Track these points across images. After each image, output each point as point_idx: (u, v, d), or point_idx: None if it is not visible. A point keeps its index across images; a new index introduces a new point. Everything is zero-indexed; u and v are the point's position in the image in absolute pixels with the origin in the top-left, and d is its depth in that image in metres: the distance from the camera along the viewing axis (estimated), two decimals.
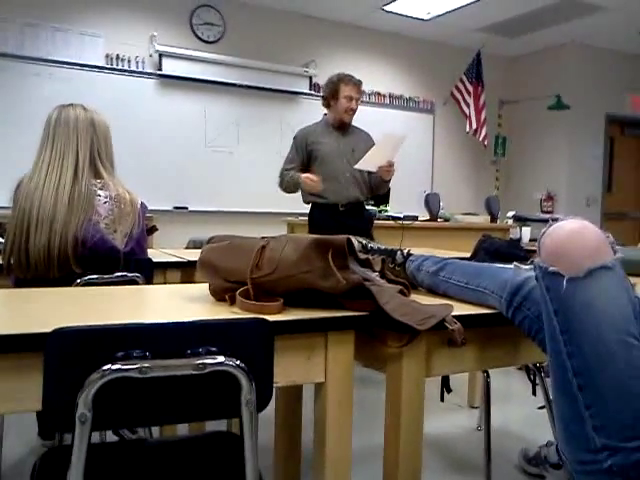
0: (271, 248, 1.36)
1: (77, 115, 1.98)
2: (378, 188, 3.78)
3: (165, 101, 5.62)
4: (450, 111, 7.04)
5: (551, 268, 1.05)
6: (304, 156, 3.68)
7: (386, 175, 3.54)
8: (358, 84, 3.70)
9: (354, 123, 3.80)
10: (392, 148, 3.49)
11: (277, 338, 1.09)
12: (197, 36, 5.79)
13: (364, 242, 1.75)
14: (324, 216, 3.66)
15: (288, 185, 3.71)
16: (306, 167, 3.68)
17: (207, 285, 1.45)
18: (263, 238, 1.41)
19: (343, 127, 3.72)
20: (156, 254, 2.43)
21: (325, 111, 3.82)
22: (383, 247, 1.73)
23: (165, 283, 2.27)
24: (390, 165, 3.49)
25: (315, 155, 3.65)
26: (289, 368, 1.22)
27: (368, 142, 3.70)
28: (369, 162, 3.48)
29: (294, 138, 3.77)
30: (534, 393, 2.29)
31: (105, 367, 0.92)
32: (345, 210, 3.64)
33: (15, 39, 5.03)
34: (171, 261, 2.36)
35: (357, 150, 3.62)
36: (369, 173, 3.65)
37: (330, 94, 3.69)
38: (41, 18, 5.11)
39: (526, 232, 5.14)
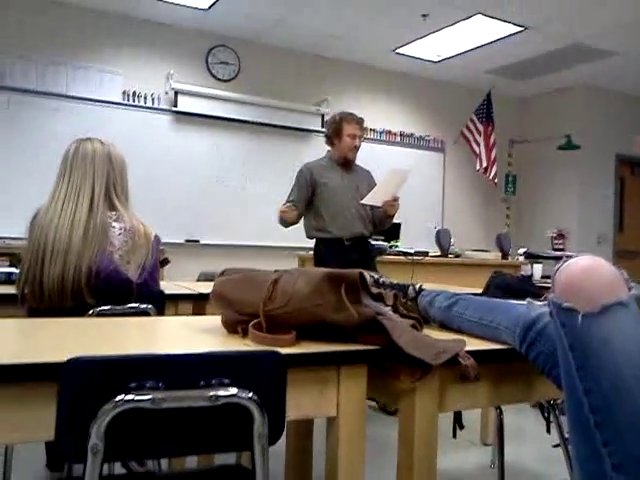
0: (284, 281, 1.36)
1: (94, 149, 2.02)
2: (382, 223, 3.81)
3: (179, 137, 5.72)
4: (460, 149, 7.10)
5: (566, 304, 1.04)
6: (308, 191, 3.69)
7: (391, 210, 3.58)
8: (360, 122, 3.77)
9: (358, 161, 3.85)
10: (397, 183, 3.54)
11: (289, 371, 1.08)
12: (212, 74, 5.91)
13: (376, 277, 1.75)
14: (330, 250, 3.67)
15: (279, 220, 3.74)
16: (309, 202, 3.70)
17: (219, 317, 1.45)
18: (276, 271, 1.42)
19: (347, 164, 3.77)
20: (168, 286, 2.43)
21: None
22: (395, 282, 1.73)
23: (177, 315, 2.27)
24: (395, 200, 3.53)
25: (320, 190, 3.67)
26: (301, 401, 1.22)
27: (370, 180, 3.78)
28: (375, 197, 3.52)
29: (299, 172, 3.78)
30: (548, 431, 2.25)
31: (118, 398, 0.91)
32: (350, 245, 3.65)
33: (37, 76, 5.16)
34: (183, 293, 2.37)
35: (360, 187, 3.67)
36: (372, 209, 3.68)
37: (333, 133, 3.75)
38: (63, 56, 5.25)
39: (537, 269, 5.11)
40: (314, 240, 3.80)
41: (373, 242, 4.03)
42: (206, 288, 2.36)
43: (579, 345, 1.03)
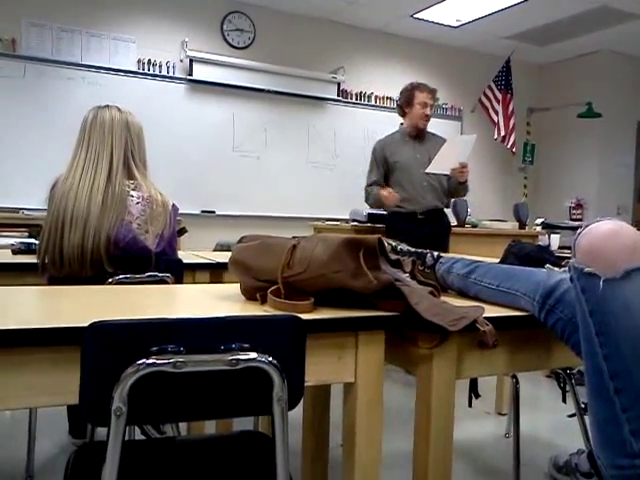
0: (302, 247, 1.36)
1: (112, 116, 2.02)
2: (457, 191, 3.83)
3: (194, 106, 5.69)
4: (478, 118, 7.00)
5: (587, 269, 1.04)
6: (384, 168, 3.78)
7: (460, 177, 3.59)
8: (432, 91, 3.79)
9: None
10: (462, 150, 3.53)
11: (308, 337, 1.08)
12: (227, 42, 5.85)
13: (394, 244, 1.75)
14: (402, 223, 3.73)
15: (372, 202, 3.84)
16: (386, 178, 3.78)
17: (238, 284, 1.45)
18: (294, 238, 1.42)
19: (419, 135, 3.78)
20: (186, 256, 2.45)
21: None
22: (413, 249, 1.72)
23: (194, 283, 2.29)
24: (463, 166, 3.52)
25: (393, 166, 3.74)
26: (319, 368, 1.22)
27: None
28: (439, 165, 3.52)
29: (373, 151, 3.86)
30: (564, 400, 2.26)
31: (140, 361, 0.92)
32: (424, 218, 3.71)
33: (51, 44, 5.14)
34: (200, 262, 2.38)
35: (433, 157, 3.65)
36: (449, 178, 3.67)
37: (405, 101, 3.78)
38: (77, 24, 5.22)
39: (555, 239, 5.07)
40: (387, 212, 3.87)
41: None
42: (223, 258, 2.38)
43: (599, 310, 1.02)
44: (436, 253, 1.70)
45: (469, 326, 1.26)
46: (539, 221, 5.54)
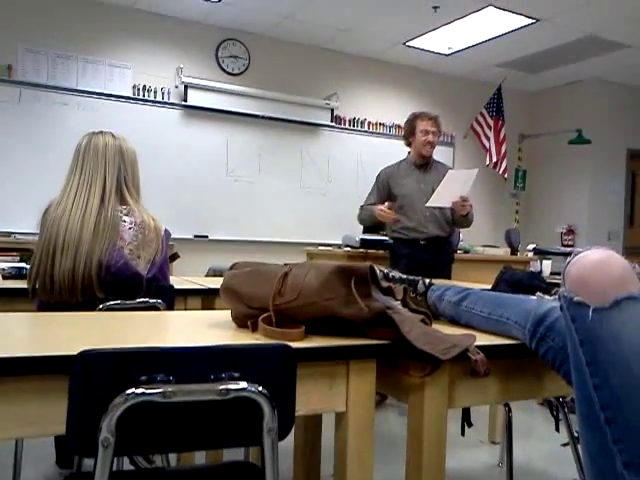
0: (294, 275, 1.36)
1: (106, 142, 2.02)
2: (460, 223, 3.86)
3: (189, 131, 5.72)
4: (470, 144, 7.06)
5: (576, 298, 1.04)
6: (384, 195, 3.83)
7: (461, 210, 3.60)
8: (433, 118, 3.85)
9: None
10: (463, 183, 3.55)
11: (299, 366, 1.08)
12: (222, 68, 5.91)
13: (385, 271, 1.75)
14: (404, 249, 3.76)
15: (364, 217, 3.90)
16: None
17: (229, 311, 1.45)
18: (286, 265, 1.42)
19: (424, 164, 3.84)
20: (177, 281, 2.44)
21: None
22: (405, 276, 1.72)
23: (186, 309, 2.28)
24: (464, 200, 3.55)
25: (395, 195, 3.79)
26: (310, 396, 1.22)
27: None
28: (439, 198, 3.56)
29: (377, 176, 3.93)
30: (557, 429, 2.25)
31: (129, 391, 0.92)
32: (425, 244, 3.73)
33: (47, 70, 5.17)
34: (192, 288, 2.38)
35: (436, 188, 3.68)
36: (451, 210, 3.70)
37: (408, 131, 3.87)
38: (72, 50, 5.26)
39: (547, 265, 5.09)
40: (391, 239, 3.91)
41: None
42: (215, 283, 2.37)
43: (589, 340, 1.02)
44: (428, 280, 1.71)
45: (461, 355, 1.25)
46: (531, 247, 5.57)
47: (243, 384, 0.98)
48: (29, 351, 1.03)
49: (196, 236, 5.68)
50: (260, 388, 0.99)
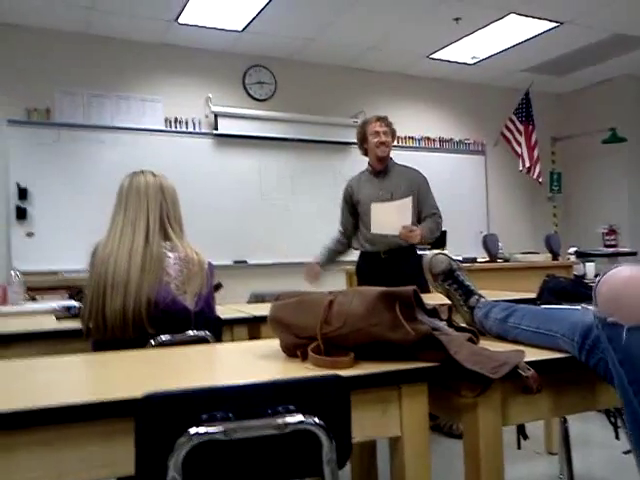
0: (339, 302, 1.38)
1: (147, 181, 2.08)
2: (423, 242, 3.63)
3: (221, 159, 5.83)
4: (501, 151, 7.01)
5: (609, 319, 1.04)
6: (351, 208, 3.73)
7: (410, 240, 3.41)
8: (382, 119, 3.72)
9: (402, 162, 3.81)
10: (400, 214, 3.39)
11: (351, 393, 1.10)
12: (250, 95, 6.01)
13: (454, 266, 1.75)
14: (367, 264, 3.64)
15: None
16: (356, 218, 3.72)
17: (277, 341, 1.48)
18: (330, 292, 1.44)
19: (382, 170, 3.68)
20: (223, 310, 2.48)
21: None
22: (467, 283, 1.72)
23: (233, 339, 2.31)
24: (410, 231, 3.38)
25: (356, 205, 3.68)
26: (364, 423, 1.23)
27: (412, 181, 3.64)
28: (381, 227, 3.42)
29: (343, 191, 3.81)
30: (617, 437, 2.20)
31: (192, 431, 0.95)
32: (388, 257, 3.55)
33: (83, 110, 5.35)
34: (238, 317, 2.41)
35: (396, 193, 3.54)
36: (417, 217, 3.57)
37: (361, 138, 3.74)
38: (105, 89, 5.43)
39: (590, 267, 4.99)
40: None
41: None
42: (259, 310, 2.41)
43: (628, 359, 1.02)
44: (477, 296, 1.70)
45: (511, 372, 1.26)
46: (572, 250, 5.47)
47: (300, 417, 1.00)
48: (92, 396, 1.07)
49: (235, 262, 5.75)
50: (317, 420, 1.01)
